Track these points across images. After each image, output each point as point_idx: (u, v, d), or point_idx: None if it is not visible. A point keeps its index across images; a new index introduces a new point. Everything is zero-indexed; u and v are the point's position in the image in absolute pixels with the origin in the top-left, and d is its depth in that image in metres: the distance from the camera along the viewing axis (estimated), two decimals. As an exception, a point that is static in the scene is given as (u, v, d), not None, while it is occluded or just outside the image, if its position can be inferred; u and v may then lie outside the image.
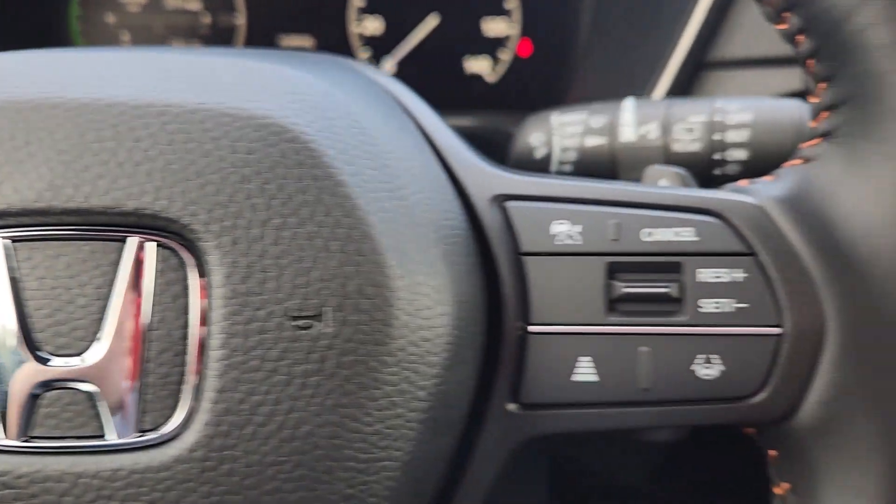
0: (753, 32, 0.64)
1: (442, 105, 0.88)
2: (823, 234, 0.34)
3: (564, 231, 0.36)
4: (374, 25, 0.86)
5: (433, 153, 0.38)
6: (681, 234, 0.35)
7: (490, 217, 0.36)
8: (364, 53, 0.86)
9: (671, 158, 0.50)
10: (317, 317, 0.29)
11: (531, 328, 0.35)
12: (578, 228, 0.36)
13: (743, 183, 0.39)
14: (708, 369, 0.35)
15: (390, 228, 0.31)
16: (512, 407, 0.36)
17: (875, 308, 0.33)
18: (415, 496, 0.33)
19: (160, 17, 0.86)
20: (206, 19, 0.86)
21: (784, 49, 0.37)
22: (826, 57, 0.35)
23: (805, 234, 0.35)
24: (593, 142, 0.52)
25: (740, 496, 0.78)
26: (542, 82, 0.87)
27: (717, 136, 0.49)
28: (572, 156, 0.53)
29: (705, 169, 0.50)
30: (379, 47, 0.86)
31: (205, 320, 0.29)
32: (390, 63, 0.87)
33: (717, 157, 0.50)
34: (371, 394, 0.30)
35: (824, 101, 0.36)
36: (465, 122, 0.82)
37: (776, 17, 0.36)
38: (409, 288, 0.31)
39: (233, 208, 0.29)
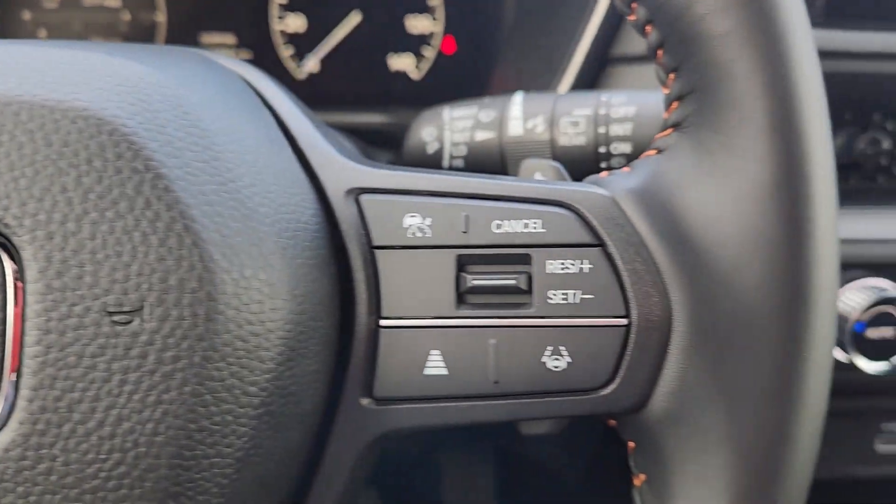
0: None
1: (367, 102, 0.88)
2: (671, 225, 0.35)
3: (416, 224, 0.35)
4: (296, 22, 0.86)
5: (289, 146, 0.37)
6: (530, 225, 0.35)
7: (344, 210, 0.36)
8: (287, 51, 0.86)
9: (558, 152, 0.50)
10: (137, 312, 0.29)
11: (382, 322, 0.35)
12: (429, 221, 0.35)
13: (603, 175, 0.38)
14: (556, 361, 0.35)
15: (217, 222, 0.30)
16: (365, 402, 0.36)
17: (719, 297, 0.33)
18: (261, 492, 0.33)
19: (78, 14, 0.84)
20: (126, 17, 0.85)
21: None
22: (672, 47, 0.35)
23: (654, 225, 0.35)
24: (483, 136, 0.52)
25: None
26: (466, 79, 0.87)
27: (601, 130, 0.50)
28: (463, 150, 0.52)
29: (592, 162, 0.50)
30: (301, 44, 0.86)
31: (22, 316, 0.29)
32: (313, 60, 0.86)
33: (602, 150, 0.50)
34: (195, 389, 0.29)
35: (673, 91, 0.36)
36: (391, 119, 0.81)
37: (626, 9, 0.36)
38: (237, 282, 0.30)
39: (47, 202, 0.29)
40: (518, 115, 0.51)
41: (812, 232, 0.33)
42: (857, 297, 0.64)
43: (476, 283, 0.35)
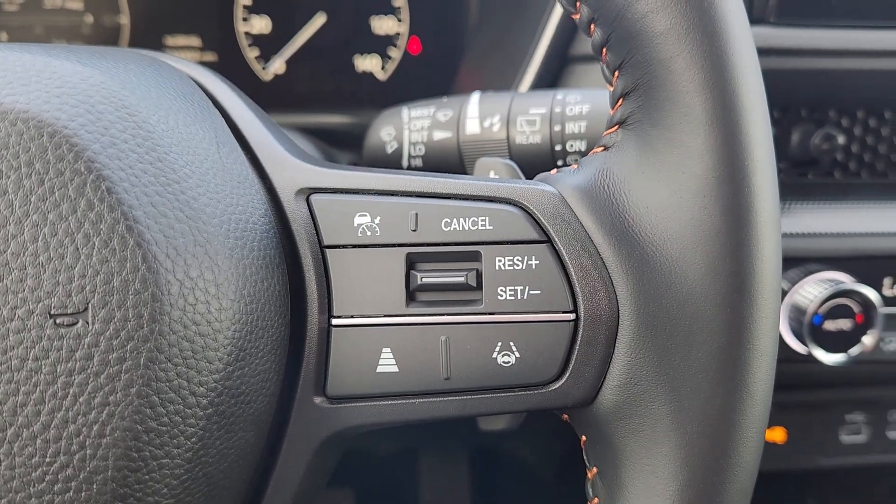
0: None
1: (334, 103, 0.88)
2: (617, 220, 0.35)
3: (365, 223, 0.36)
4: (261, 24, 0.85)
5: (239, 146, 0.37)
6: (479, 223, 0.35)
7: (295, 210, 0.36)
8: (252, 52, 0.86)
9: (514, 150, 0.51)
10: (81, 314, 0.29)
11: (334, 321, 0.35)
12: (378, 220, 0.36)
13: (553, 172, 0.39)
14: (506, 356, 0.35)
15: (161, 223, 0.30)
16: (318, 400, 0.36)
17: (664, 291, 0.34)
18: (213, 493, 0.33)
19: (40, 17, 0.84)
20: (89, 19, 0.84)
21: None
22: (615, 45, 0.35)
23: (599, 221, 0.35)
24: (440, 135, 0.52)
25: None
26: (432, 79, 0.88)
27: (556, 128, 0.50)
28: (421, 149, 0.53)
29: (548, 160, 0.51)
30: (267, 46, 0.86)
31: None
32: (279, 62, 0.86)
33: (557, 147, 0.50)
34: (141, 391, 0.29)
35: (617, 89, 0.36)
36: (355, 119, 0.82)
37: (572, 8, 0.37)
38: (182, 283, 0.30)
39: None
40: (475, 115, 0.52)
41: (753, 224, 0.33)
42: (814, 290, 0.66)
43: (426, 280, 0.35)
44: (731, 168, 0.33)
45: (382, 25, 0.87)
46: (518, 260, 0.35)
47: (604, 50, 0.36)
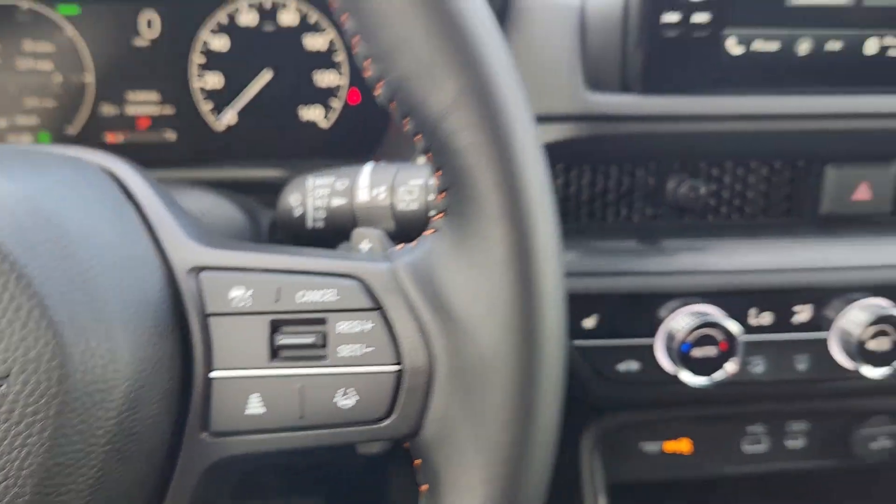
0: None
1: (281, 151, 0.97)
2: (435, 292, 0.45)
3: (239, 295, 0.45)
4: (213, 80, 0.95)
5: (146, 232, 0.47)
6: (326, 295, 0.45)
7: (186, 285, 0.46)
8: (206, 105, 0.95)
9: (398, 216, 0.61)
10: (5, 378, 0.39)
11: (213, 374, 0.45)
12: (250, 293, 0.45)
13: (399, 247, 0.49)
14: (347, 400, 0.45)
15: (68, 307, 0.40)
16: (203, 435, 0.46)
17: (468, 347, 0.44)
18: None
19: (12, 77, 0.93)
20: (58, 79, 0.94)
21: (533, 107, 0.45)
22: (434, 153, 0.45)
23: (422, 292, 0.45)
24: (338, 202, 0.62)
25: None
26: (370, 126, 0.97)
27: (430, 197, 0.60)
28: (322, 214, 0.63)
29: (425, 225, 0.60)
30: (219, 99, 0.95)
31: None
32: (231, 113, 0.96)
33: (431, 214, 0.60)
34: (52, 433, 0.39)
35: (440, 184, 0.46)
36: (290, 173, 0.91)
37: (401, 121, 0.47)
38: (84, 352, 0.40)
39: None
40: (366, 184, 0.61)
41: (537, 295, 0.43)
42: (684, 321, 0.75)
43: (284, 341, 0.45)
44: (519, 254, 0.43)
45: (325, 79, 0.96)
46: (357, 324, 0.45)
47: (428, 154, 0.46)
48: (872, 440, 0.99)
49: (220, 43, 0.94)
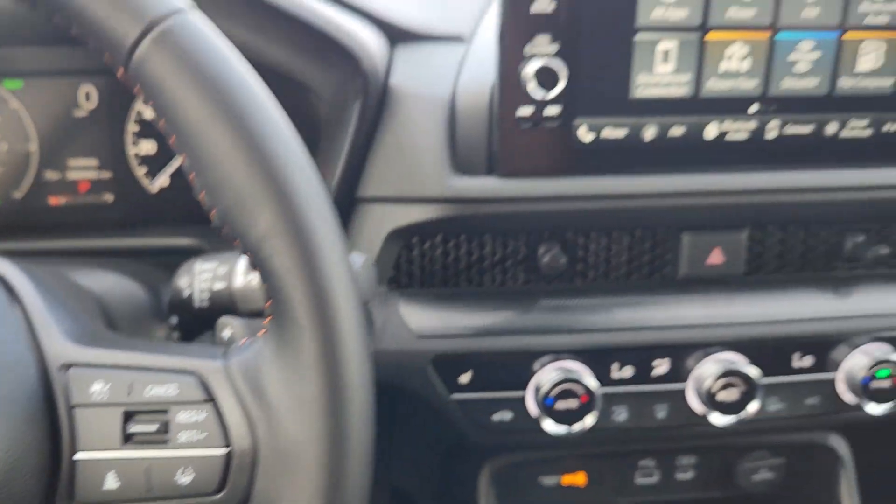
0: (385, 175, 0.84)
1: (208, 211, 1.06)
2: (259, 388, 0.54)
3: (98, 389, 0.55)
4: (147, 146, 1.04)
5: (27, 331, 0.56)
6: (169, 389, 0.54)
7: (57, 379, 0.55)
8: (141, 170, 1.04)
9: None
10: None
11: (77, 455, 0.54)
12: (108, 387, 0.55)
13: (242, 342, 0.58)
14: (185, 477, 0.54)
15: None
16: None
17: (286, 434, 0.53)
18: None
19: (-38, 147, 1.03)
20: (4, 147, 1.03)
21: (406, 189, 0.52)
22: (258, 270, 0.54)
23: (249, 387, 0.54)
24: (219, 286, 0.71)
25: None
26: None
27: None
28: (206, 296, 0.72)
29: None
30: (153, 164, 1.05)
31: None
32: (163, 177, 1.05)
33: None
34: None
35: (266, 294, 0.55)
36: (198, 242, 0.99)
37: (233, 242, 0.55)
38: None
39: None
40: (242, 270, 0.70)
41: (339, 392, 0.52)
42: (548, 376, 0.84)
43: (134, 429, 0.54)
44: (325, 358, 0.52)
45: (249, 144, 1.06)
46: (193, 414, 0.54)
47: (256, 269, 0.55)
48: (755, 472, 1.07)
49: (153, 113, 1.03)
